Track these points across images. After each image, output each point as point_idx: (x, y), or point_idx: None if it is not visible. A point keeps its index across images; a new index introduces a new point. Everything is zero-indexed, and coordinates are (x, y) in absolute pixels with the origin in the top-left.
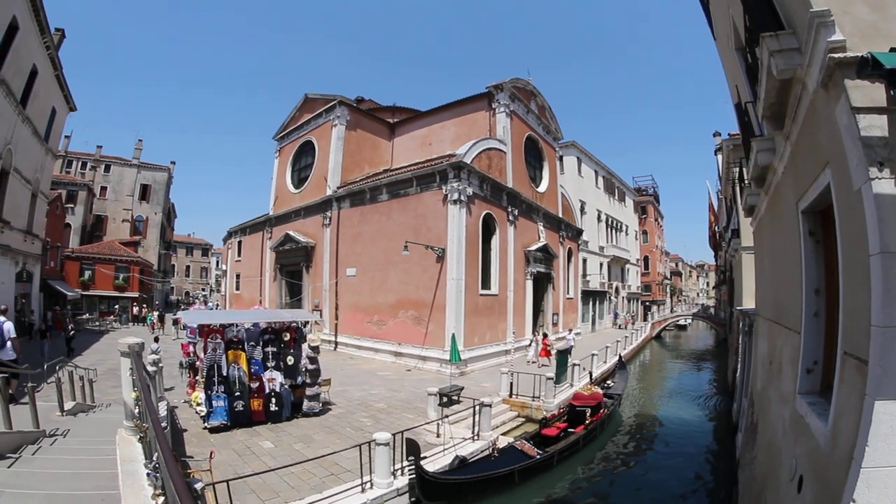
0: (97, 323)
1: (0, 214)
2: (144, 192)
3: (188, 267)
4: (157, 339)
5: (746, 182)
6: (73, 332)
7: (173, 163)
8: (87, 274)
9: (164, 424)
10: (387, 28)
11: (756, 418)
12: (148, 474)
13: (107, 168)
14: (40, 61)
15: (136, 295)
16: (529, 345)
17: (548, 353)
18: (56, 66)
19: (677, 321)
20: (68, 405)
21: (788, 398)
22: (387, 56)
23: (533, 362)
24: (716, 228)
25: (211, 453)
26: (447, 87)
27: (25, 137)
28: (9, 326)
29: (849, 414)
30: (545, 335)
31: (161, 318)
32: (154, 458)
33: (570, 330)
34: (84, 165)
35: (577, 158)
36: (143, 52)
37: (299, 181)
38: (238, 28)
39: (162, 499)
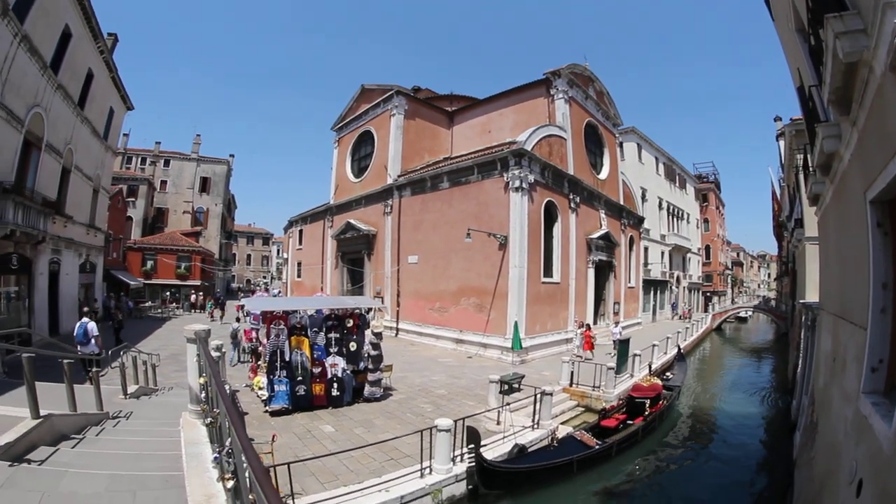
0: (159, 310)
1: (63, 209)
2: (204, 185)
3: (249, 256)
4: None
5: (811, 169)
6: (121, 321)
7: (232, 155)
8: (150, 264)
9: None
10: (440, 17)
11: (816, 417)
12: (216, 458)
13: (166, 163)
14: (95, 65)
15: (197, 283)
16: (573, 338)
17: (591, 346)
18: (111, 68)
19: (738, 313)
20: (131, 388)
21: (851, 397)
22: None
23: (577, 356)
24: (779, 218)
25: (273, 436)
26: (503, 75)
27: (85, 137)
28: (92, 326)
29: None
30: (588, 326)
31: (221, 306)
32: (227, 443)
33: (617, 323)
34: (144, 161)
35: (637, 144)
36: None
37: (359, 170)
38: (296, 21)
39: (232, 482)
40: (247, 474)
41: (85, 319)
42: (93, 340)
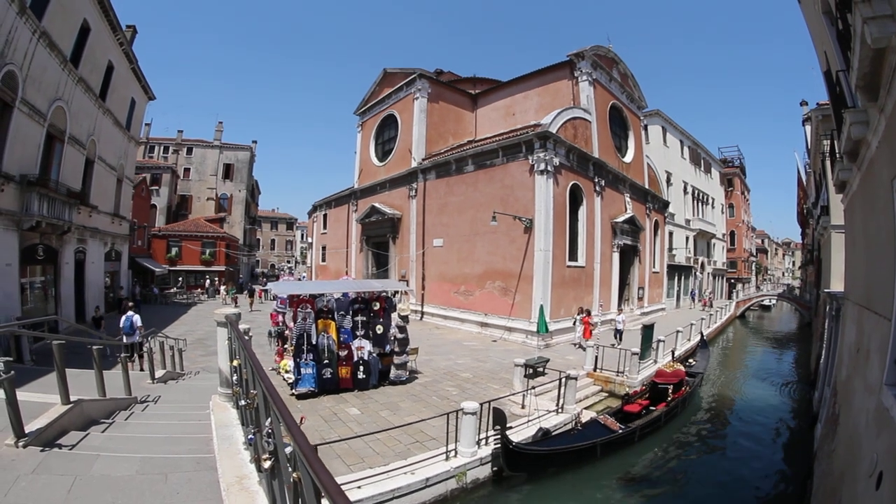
0: (185, 296)
1: (88, 199)
2: (228, 171)
3: (273, 241)
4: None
5: (838, 156)
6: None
7: (255, 142)
8: (175, 250)
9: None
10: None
11: (838, 409)
12: (249, 439)
13: (189, 150)
14: (115, 57)
15: (222, 269)
16: (574, 324)
17: (591, 335)
18: (131, 59)
19: (762, 301)
20: (159, 373)
21: (874, 389)
22: (463, 28)
23: (576, 344)
24: (805, 205)
25: (301, 419)
26: (526, 57)
27: (107, 128)
28: (137, 319)
29: None
30: (588, 313)
31: (251, 293)
32: (267, 424)
33: (621, 311)
34: (166, 150)
35: (662, 128)
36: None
37: (383, 154)
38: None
39: (269, 463)
40: (287, 452)
41: (130, 313)
42: (137, 331)
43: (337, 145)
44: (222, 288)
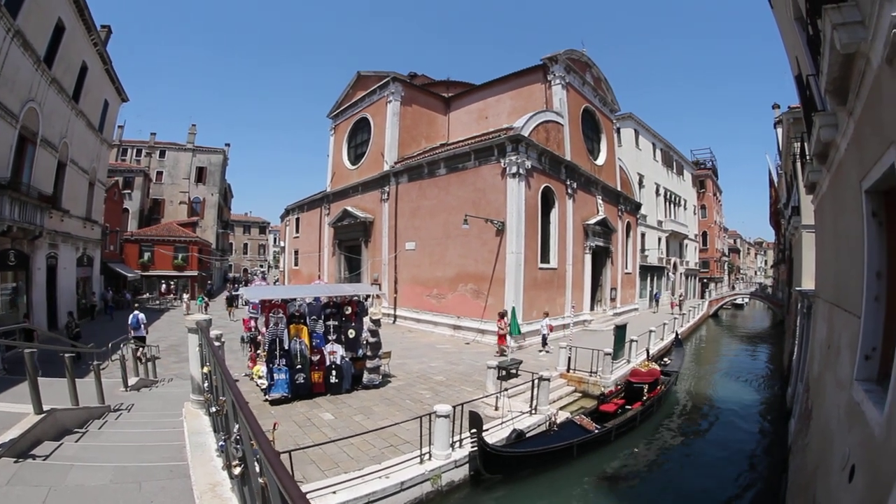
0: (157, 302)
1: (59, 204)
2: (200, 175)
3: (246, 245)
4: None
5: (808, 158)
6: (77, 330)
7: (228, 145)
8: (147, 255)
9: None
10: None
11: (811, 404)
12: (220, 446)
13: (162, 153)
14: (89, 58)
15: (195, 273)
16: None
17: (504, 340)
18: (105, 60)
19: (734, 300)
20: (132, 381)
21: (845, 385)
22: (437, 31)
23: (497, 353)
24: (776, 206)
25: (275, 425)
26: (500, 60)
27: (80, 130)
28: (143, 317)
29: None
30: (500, 315)
31: (231, 300)
32: (234, 430)
33: (546, 314)
34: (139, 153)
35: (635, 130)
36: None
37: (356, 157)
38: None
39: (239, 469)
40: (256, 459)
41: (136, 312)
42: (142, 327)
43: (310, 149)
44: (185, 296)
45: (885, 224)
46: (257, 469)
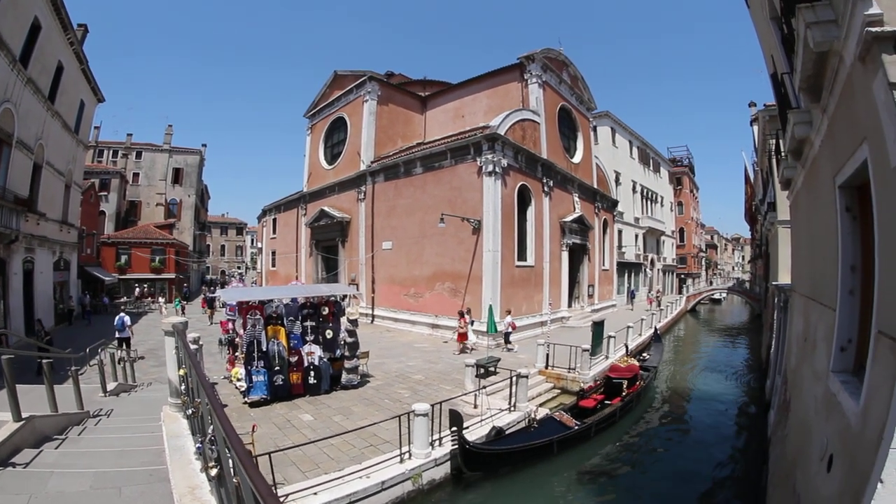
0: (133, 306)
1: (35, 207)
2: (177, 176)
3: (223, 246)
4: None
5: (783, 154)
6: (48, 338)
7: (204, 145)
8: (124, 258)
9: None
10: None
11: (789, 396)
12: (198, 448)
13: (138, 155)
14: (65, 57)
15: (172, 276)
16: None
17: (465, 338)
18: (81, 60)
19: (712, 295)
20: (111, 386)
21: (822, 376)
22: (413, 30)
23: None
24: (753, 202)
25: (254, 427)
26: (477, 59)
27: (56, 131)
28: (128, 319)
29: (880, 394)
30: (462, 314)
31: (210, 303)
32: (210, 431)
33: (509, 312)
34: (115, 154)
35: (612, 128)
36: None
37: (332, 157)
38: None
39: (215, 470)
40: (230, 461)
41: (122, 314)
42: (127, 328)
43: (287, 149)
44: (161, 300)
45: (858, 219)
46: (231, 469)
